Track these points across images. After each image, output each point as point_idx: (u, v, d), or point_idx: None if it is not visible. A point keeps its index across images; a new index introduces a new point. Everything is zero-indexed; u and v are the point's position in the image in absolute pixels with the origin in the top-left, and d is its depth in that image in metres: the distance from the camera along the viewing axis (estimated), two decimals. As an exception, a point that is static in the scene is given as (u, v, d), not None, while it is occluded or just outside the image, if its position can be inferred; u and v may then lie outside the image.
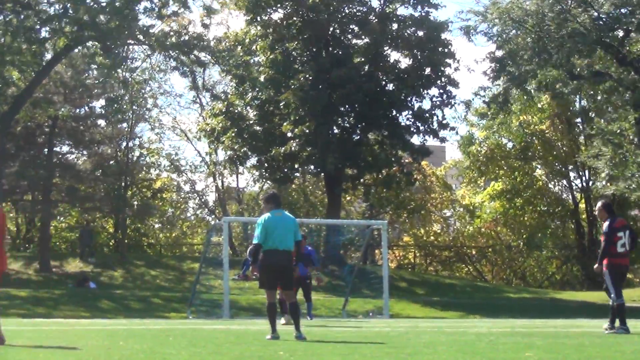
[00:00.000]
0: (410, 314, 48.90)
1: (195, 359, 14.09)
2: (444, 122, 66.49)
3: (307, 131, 61.02)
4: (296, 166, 67.00)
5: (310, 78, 63.04)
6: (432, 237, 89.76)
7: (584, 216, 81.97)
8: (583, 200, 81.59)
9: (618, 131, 62.39)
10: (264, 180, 75.30)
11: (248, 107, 66.91)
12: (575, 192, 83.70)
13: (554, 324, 34.11)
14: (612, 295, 22.79)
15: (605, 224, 23.29)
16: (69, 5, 56.47)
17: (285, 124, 62.53)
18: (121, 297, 51.70)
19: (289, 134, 62.96)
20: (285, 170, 66.77)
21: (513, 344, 17.68)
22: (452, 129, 67.63)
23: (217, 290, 48.80)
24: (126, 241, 77.34)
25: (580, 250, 79.97)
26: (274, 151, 62.74)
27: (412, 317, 45.81)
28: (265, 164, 67.20)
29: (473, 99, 70.53)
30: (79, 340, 19.98)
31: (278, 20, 66.39)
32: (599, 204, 24.45)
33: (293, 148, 62.00)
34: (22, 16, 56.28)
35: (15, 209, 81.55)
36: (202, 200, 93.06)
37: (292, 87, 62.26)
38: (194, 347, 17.43)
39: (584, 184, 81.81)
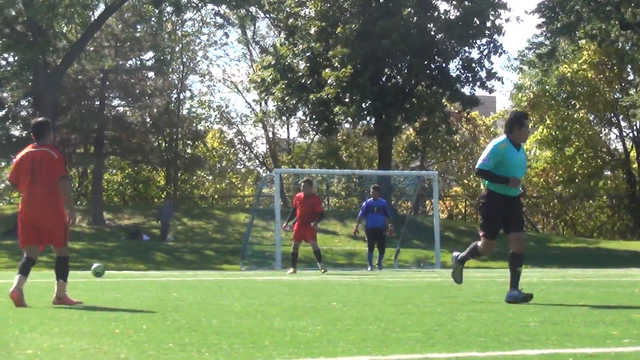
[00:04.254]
0: (461, 264, 48.68)
1: (248, 309, 14.04)
2: (492, 71, 66.15)
3: (354, 81, 61.33)
4: (342, 117, 67.09)
5: (357, 29, 63.02)
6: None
7: (634, 165, 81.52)
8: (634, 149, 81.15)
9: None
10: (311, 130, 75.56)
11: (298, 59, 66.97)
12: (626, 141, 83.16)
13: (605, 273, 33.88)
14: None
15: None
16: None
17: (327, 70, 62.74)
18: (174, 249, 51.83)
19: (331, 81, 63.01)
20: (332, 119, 66.92)
21: (565, 293, 17.58)
22: (499, 78, 67.15)
23: (268, 241, 48.88)
24: (177, 193, 77.50)
25: (631, 199, 79.60)
26: (314, 95, 62.99)
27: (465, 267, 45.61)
28: (313, 115, 67.51)
29: (524, 50, 70.75)
30: (132, 291, 20.04)
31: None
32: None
33: (335, 94, 62.73)
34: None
35: (69, 161, 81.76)
36: (253, 151, 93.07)
37: (341, 37, 62.49)
38: (247, 298, 17.40)
39: (635, 133, 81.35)
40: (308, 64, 65.88)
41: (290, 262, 33.13)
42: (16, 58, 61.97)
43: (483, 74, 65.38)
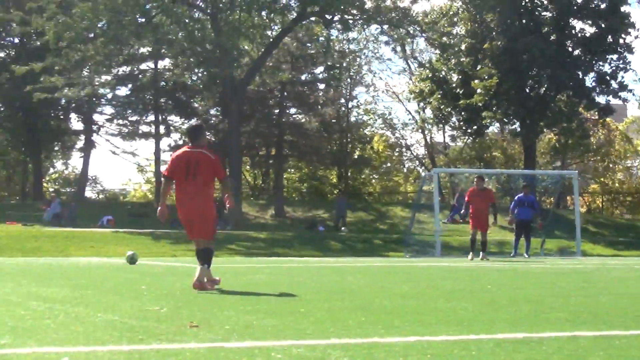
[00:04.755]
0: (599, 253, 48.15)
1: (413, 292, 14.07)
2: (624, 84, 65.97)
3: (500, 89, 61.90)
4: (489, 121, 67.49)
5: (502, 45, 63.25)
6: (617, 185, 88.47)
7: None
8: None
9: None
10: (462, 134, 75.69)
11: (451, 72, 67.39)
12: None
13: None
14: None
15: None
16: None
17: (476, 81, 63.15)
18: (346, 238, 51.94)
19: (479, 90, 63.81)
20: (481, 123, 67.47)
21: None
22: (630, 90, 66.80)
23: (428, 232, 48.78)
24: (348, 189, 77.75)
25: None
26: (465, 102, 63.80)
27: (600, 256, 45.06)
28: (464, 121, 68.25)
29: None
30: (312, 276, 20.13)
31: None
32: None
33: (479, 102, 63.76)
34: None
35: (251, 162, 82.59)
36: (413, 153, 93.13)
37: (488, 53, 63.08)
38: (411, 281, 17.42)
39: None
40: (460, 76, 66.40)
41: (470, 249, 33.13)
42: (205, 73, 62.70)
43: (615, 85, 65.11)
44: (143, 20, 57.88)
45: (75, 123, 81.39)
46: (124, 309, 10.51)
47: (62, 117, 78.79)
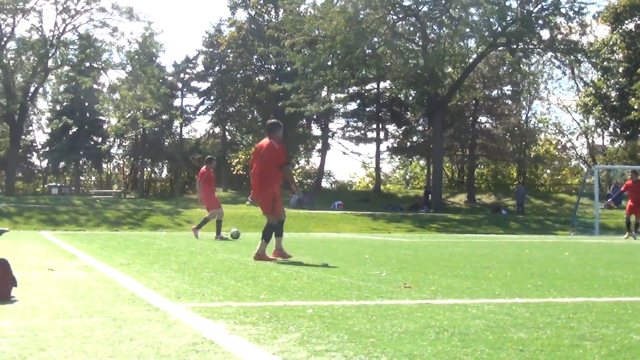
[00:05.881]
0: None
1: (580, 262, 13.73)
2: None
3: None
4: None
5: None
6: None
7: None
8: None
9: None
10: (618, 139, 74.32)
11: (610, 90, 66.49)
12: None
13: None
14: None
15: None
16: (491, 18, 56.73)
17: (632, 99, 62.33)
18: (523, 220, 51.26)
19: (636, 107, 62.43)
20: (632, 131, 66.87)
21: None
22: None
23: (589, 215, 47.73)
24: (526, 181, 76.79)
25: None
26: (625, 118, 62.94)
27: None
28: (620, 129, 67.39)
29: None
30: (496, 249, 19.84)
31: (632, 28, 65.43)
32: None
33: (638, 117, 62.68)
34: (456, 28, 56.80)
35: (450, 160, 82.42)
36: (578, 153, 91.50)
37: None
38: (577, 254, 17.00)
39: None
40: (617, 93, 65.17)
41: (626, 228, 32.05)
42: (416, 92, 62.97)
43: None
44: (369, 51, 58.49)
45: (315, 130, 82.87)
46: (352, 272, 10.54)
47: (305, 125, 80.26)
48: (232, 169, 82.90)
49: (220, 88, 79.38)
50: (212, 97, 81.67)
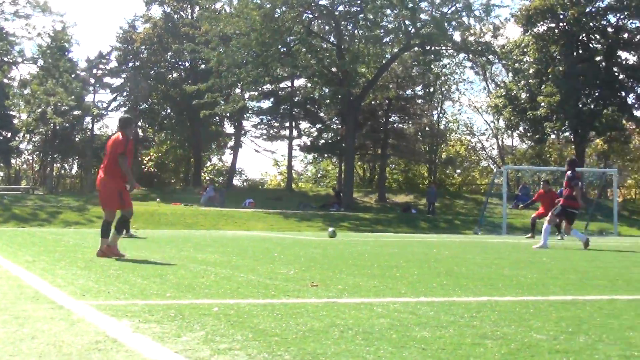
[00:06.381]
0: (632, 234, 47.39)
1: (486, 261, 13.95)
2: None
3: (556, 104, 61.87)
4: (549, 127, 67.16)
5: (562, 70, 62.93)
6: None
7: None
8: None
9: None
10: (527, 139, 75.51)
11: (521, 91, 67.47)
12: None
13: None
14: None
15: None
16: (405, 21, 57.19)
17: (541, 97, 63.69)
18: (433, 219, 51.78)
19: (543, 104, 63.74)
20: (540, 132, 67.95)
21: None
22: None
23: (497, 215, 48.45)
24: (435, 181, 77.54)
25: None
26: (531, 113, 63.97)
27: (633, 236, 44.30)
28: (528, 129, 68.44)
29: None
30: (405, 247, 20.08)
31: (544, 31, 66.50)
32: None
33: (544, 114, 64.34)
34: (371, 30, 57.19)
35: (362, 160, 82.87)
36: (487, 154, 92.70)
37: (550, 76, 63.07)
38: (484, 253, 17.26)
39: None
40: (527, 94, 66.23)
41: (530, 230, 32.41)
42: (330, 90, 63.07)
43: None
44: (284, 49, 58.48)
45: (228, 128, 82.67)
46: (261, 271, 10.56)
47: (218, 123, 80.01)
48: (142, 166, 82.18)
49: (133, 85, 78.62)
50: (124, 94, 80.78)
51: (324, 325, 5.51)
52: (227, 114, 72.44)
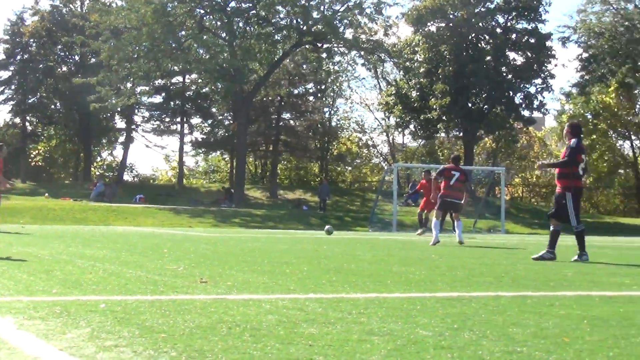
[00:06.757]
0: (519, 232, 48.34)
1: (375, 258, 14.05)
2: (544, 102, 67.82)
3: (448, 105, 62.67)
4: (441, 128, 68.07)
5: (453, 70, 63.76)
6: (534, 179, 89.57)
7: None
8: None
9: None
10: (418, 138, 76.24)
11: (411, 90, 68.07)
12: (635, 150, 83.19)
13: (619, 240, 33.30)
14: (573, 221, 15.50)
15: (574, 140, 15.27)
16: (297, 18, 57.35)
17: (433, 99, 64.35)
18: (324, 216, 52.00)
19: (435, 107, 64.15)
20: (431, 131, 69.46)
21: (591, 253, 17.24)
22: (547, 110, 69.84)
23: (388, 212, 48.90)
24: (328, 178, 77.90)
25: (637, 190, 79.86)
26: (424, 116, 64.57)
27: (520, 234, 45.22)
28: (419, 128, 69.05)
29: (569, 90, 72.56)
30: (296, 244, 20.11)
31: (434, 30, 67.41)
32: (567, 124, 16.27)
33: (436, 116, 65.25)
34: (263, 27, 57.25)
35: (254, 156, 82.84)
36: (379, 151, 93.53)
37: (441, 76, 63.78)
38: (374, 250, 17.39)
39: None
40: (418, 93, 66.99)
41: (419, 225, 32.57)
42: (222, 86, 62.86)
43: (537, 102, 66.40)
44: (176, 44, 58.03)
45: (119, 122, 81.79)
46: (149, 267, 10.47)
47: (109, 117, 79.07)
48: (30, 160, 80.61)
49: (22, 78, 77.13)
50: (12, 87, 79.15)
51: (212, 322, 5.48)
52: (119, 109, 71.66)
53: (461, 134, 69.76)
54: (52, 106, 79.62)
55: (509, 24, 67.46)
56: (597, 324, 5.85)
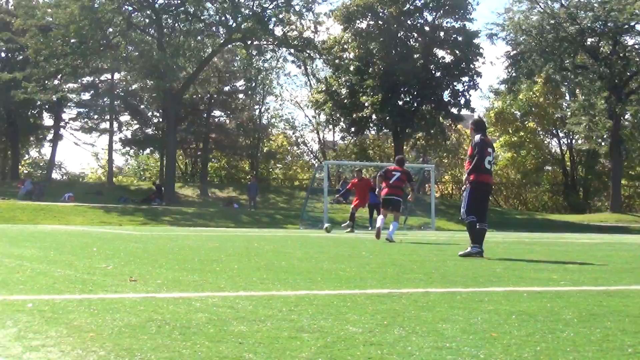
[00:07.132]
0: (449, 228, 48.73)
1: (306, 255, 14.06)
2: (470, 99, 68.41)
3: (379, 103, 62.83)
4: (371, 126, 68.51)
5: (383, 68, 64.08)
6: (464, 176, 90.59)
7: (567, 163, 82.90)
8: (567, 152, 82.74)
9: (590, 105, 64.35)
10: (347, 135, 76.37)
11: (341, 87, 68.14)
12: (562, 147, 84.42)
13: (547, 236, 33.71)
14: (462, 211, 15.88)
15: (477, 136, 15.40)
16: (226, 15, 57.23)
17: (363, 96, 65.04)
18: (255, 214, 51.95)
19: (367, 104, 64.31)
20: (362, 128, 70.12)
21: (520, 249, 17.51)
22: (473, 108, 69.66)
23: (318, 210, 48.98)
24: (258, 176, 77.83)
25: (565, 186, 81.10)
26: (356, 114, 64.70)
27: (450, 230, 45.60)
28: (350, 125, 69.18)
29: (497, 86, 73.52)
30: (227, 242, 20.06)
31: (363, 28, 67.45)
32: (470, 122, 16.12)
33: (368, 114, 65.72)
34: (192, 23, 57.03)
35: (184, 154, 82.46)
36: (309, 148, 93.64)
37: (371, 74, 64.05)
38: (305, 247, 17.42)
39: (568, 141, 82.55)
40: (348, 90, 67.07)
41: (350, 221, 32.55)
42: (151, 84, 62.48)
43: (464, 100, 66.88)
44: (104, 41, 57.49)
45: (47, 120, 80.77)
46: (78, 266, 10.36)
47: (37, 115, 78.04)
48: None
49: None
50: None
51: (141, 320, 5.45)
52: (46, 105, 70.77)
53: (391, 133, 70.17)
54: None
55: (437, 21, 67.87)
56: (525, 319, 5.93)
